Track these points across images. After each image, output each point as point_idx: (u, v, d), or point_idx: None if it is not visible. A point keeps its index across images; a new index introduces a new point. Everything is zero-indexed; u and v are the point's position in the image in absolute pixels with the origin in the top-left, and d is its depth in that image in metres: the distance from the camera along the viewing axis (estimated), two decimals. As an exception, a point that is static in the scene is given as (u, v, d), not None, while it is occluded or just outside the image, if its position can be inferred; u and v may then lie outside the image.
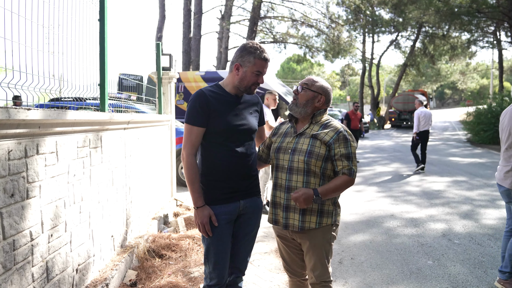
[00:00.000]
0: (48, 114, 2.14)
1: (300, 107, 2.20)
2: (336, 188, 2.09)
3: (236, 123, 2.12)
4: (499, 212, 5.65)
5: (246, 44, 2.14)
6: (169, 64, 5.63)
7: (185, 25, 18.28)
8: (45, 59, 2.39)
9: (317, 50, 23.37)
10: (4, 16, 1.97)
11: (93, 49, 3.13)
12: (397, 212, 5.81)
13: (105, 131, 3.10)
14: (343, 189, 2.12)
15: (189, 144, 2.08)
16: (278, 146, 2.25)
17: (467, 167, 10.01)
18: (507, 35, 25.85)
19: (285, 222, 2.19)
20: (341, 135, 2.12)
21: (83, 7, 2.97)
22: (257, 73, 2.12)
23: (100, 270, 2.99)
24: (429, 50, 29.07)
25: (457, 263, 3.84)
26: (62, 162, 2.42)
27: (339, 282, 3.45)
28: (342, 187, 2.10)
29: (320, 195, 2.05)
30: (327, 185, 2.10)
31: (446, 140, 18.47)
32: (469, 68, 46.64)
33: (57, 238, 2.37)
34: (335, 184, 2.09)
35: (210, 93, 2.11)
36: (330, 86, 2.31)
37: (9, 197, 1.92)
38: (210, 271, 2.15)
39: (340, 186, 2.09)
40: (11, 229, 1.94)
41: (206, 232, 2.09)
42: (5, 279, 1.88)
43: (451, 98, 73.05)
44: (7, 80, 2.02)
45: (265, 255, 4.09)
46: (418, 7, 23.67)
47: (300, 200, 2.03)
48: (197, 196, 2.08)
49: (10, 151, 1.92)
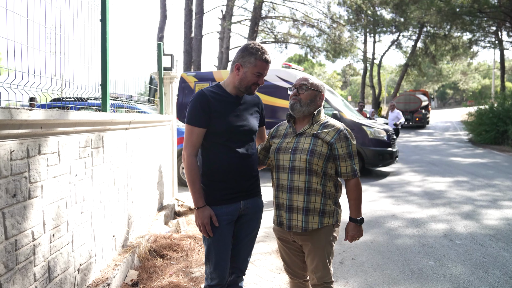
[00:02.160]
0: (50, 115, 2.15)
1: (304, 106, 2.21)
2: (357, 197, 2.22)
3: (237, 124, 2.12)
4: (500, 213, 5.64)
5: (248, 44, 2.14)
6: (170, 64, 5.63)
7: (186, 25, 18.30)
8: (46, 60, 2.40)
9: (318, 50, 23.38)
10: (8, 17, 1.98)
11: (94, 49, 3.14)
12: (398, 212, 5.80)
13: (107, 131, 3.11)
14: (360, 191, 2.22)
15: (190, 144, 2.08)
16: (278, 147, 2.25)
17: (469, 168, 10.00)
18: (508, 35, 25.82)
19: (289, 224, 2.19)
20: (342, 134, 2.15)
21: (85, 7, 2.98)
22: (257, 74, 2.12)
23: (101, 270, 3.00)
24: (430, 50, 29.06)
25: (458, 264, 3.84)
26: (64, 162, 2.43)
27: (340, 282, 3.45)
28: (358, 191, 2.21)
29: (358, 218, 2.21)
30: (351, 204, 2.23)
31: (447, 140, 18.44)
32: (471, 68, 46.61)
33: (59, 238, 2.38)
34: (353, 196, 2.22)
35: (211, 93, 2.11)
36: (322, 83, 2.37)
37: (11, 197, 1.92)
38: (211, 271, 2.16)
39: (357, 193, 2.21)
40: (13, 229, 1.94)
41: (207, 233, 2.10)
42: (7, 279, 1.89)
43: (453, 98, 72.95)
44: (9, 81, 2.03)
45: (266, 255, 4.09)
46: (419, 7, 23.65)
47: (356, 238, 2.23)
48: (198, 197, 2.08)
49: (12, 151, 1.93)
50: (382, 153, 8.69)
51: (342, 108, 9.24)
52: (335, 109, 9.02)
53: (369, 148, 8.63)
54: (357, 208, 2.21)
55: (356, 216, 2.21)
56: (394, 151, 8.92)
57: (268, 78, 9.39)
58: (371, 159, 8.67)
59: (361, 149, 8.60)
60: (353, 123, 8.78)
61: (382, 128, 9.02)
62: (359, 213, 2.21)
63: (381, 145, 8.74)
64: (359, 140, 8.62)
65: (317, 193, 2.14)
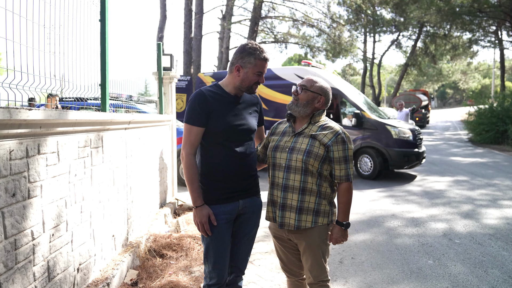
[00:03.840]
0: (49, 114, 2.15)
1: (300, 107, 2.21)
2: (346, 202, 2.20)
3: (236, 123, 2.13)
4: (500, 212, 5.65)
5: (245, 45, 2.14)
6: (170, 64, 5.64)
7: (186, 25, 18.29)
8: (46, 60, 2.41)
9: (318, 50, 23.37)
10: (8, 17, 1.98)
11: (94, 49, 3.15)
12: (398, 211, 5.81)
13: (106, 131, 3.11)
14: (351, 196, 2.21)
15: (188, 143, 2.09)
16: (276, 145, 2.26)
17: (469, 167, 10.00)
18: (508, 34, 25.81)
19: (281, 221, 2.20)
20: (339, 138, 2.15)
21: (84, 7, 2.99)
22: (258, 74, 2.13)
23: (101, 269, 3.00)
24: (430, 50, 29.05)
25: (457, 263, 3.84)
26: (64, 162, 2.44)
27: (339, 281, 3.45)
28: (349, 195, 2.20)
29: (344, 222, 2.19)
30: (340, 207, 2.21)
31: (447, 139, 18.44)
32: (471, 67, 46.54)
33: (58, 238, 2.39)
34: (343, 200, 2.20)
35: (210, 93, 2.12)
36: (329, 86, 2.32)
37: (10, 197, 1.93)
38: (210, 271, 2.16)
39: (347, 197, 2.20)
40: (13, 228, 1.95)
41: (205, 232, 2.10)
42: (6, 278, 1.89)
43: (453, 97, 72.92)
44: (8, 81, 2.04)
45: (266, 254, 4.10)
46: (419, 6, 23.64)
47: (340, 241, 2.21)
48: (196, 196, 2.09)
49: (12, 151, 1.94)
50: (407, 154, 8.28)
51: (365, 107, 8.92)
52: (357, 108, 8.74)
53: (393, 149, 8.26)
54: (345, 212, 2.20)
55: (343, 220, 2.19)
56: (421, 152, 8.49)
57: (286, 77, 9.22)
58: (396, 160, 8.27)
59: (385, 150, 8.30)
60: (376, 123, 8.49)
61: (407, 127, 8.63)
62: (346, 217, 2.20)
63: (406, 146, 8.33)
64: (383, 141, 8.36)
65: (312, 193, 2.15)
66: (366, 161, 8.56)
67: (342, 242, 2.23)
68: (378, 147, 8.39)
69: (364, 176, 8.57)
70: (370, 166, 8.49)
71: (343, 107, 9.69)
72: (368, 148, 8.49)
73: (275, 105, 9.33)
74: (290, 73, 9.24)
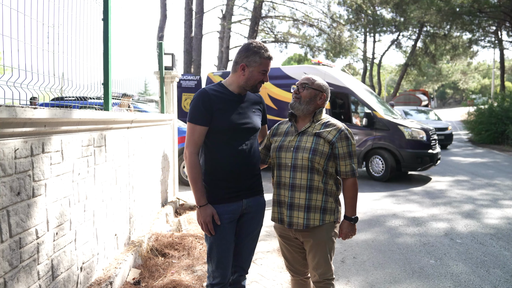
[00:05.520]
0: (54, 113, 2.15)
1: (303, 105, 2.23)
2: (353, 196, 2.26)
3: (239, 122, 2.13)
4: (501, 212, 5.66)
5: (249, 44, 2.14)
6: (171, 64, 5.64)
7: (186, 25, 18.29)
8: (49, 58, 2.41)
9: (318, 49, 23.36)
10: (12, 15, 1.98)
11: (96, 48, 3.15)
12: (399, 211, 5.81)
13: (109, 130, 3.11)
14: (357, 190, 2.27)
15: (192, 143, 2.09)
16: (280, 145, 2.27)
17: (469, 167, 10.01)
18: (508, 34, 25.81)
19: (289, 221, 2.21)
20: (343, 134, 2.18)
21: (87, 6, 2.99)
22: (263, 72, 2.14)
23: (104, 268, 3.00)
24: (430, 50, 29.03)
25: (459, 262, 3.85)
26: (67, 160, 2.44)
27: (341, 281, 3.45)
28: (355, 190, 2.26)
29: (352, 216, 2.26)
30: (347, 203, 2.27)
31: (447, 139, 18.43)
32: (471, 67, 46.54)
33: (62, 237, 2.39)
34: (349, 195, 2.26)
35: (213, 92, 2.12)
36: (327, 84, 2.36)
37: (15, 195, 1.93)
38: (213, 270, 2.16)
39: (353, 192, 2.25)
40: (18, 227, 1.95)
41: (209, 231, 2.10)
42: (11, 276, 1.89)
43: (452, 97, 72.92)
44: (11, 79, 2.03)
45: (268, 254, 4.10)
46: (419, 6, 23.62)
47: (349, 236, 2.28)
48: (200, 195, 2.09)
49: (17, 150, 1.94)
50: (421, 156, 7.95)
51: (377, 107, 8.66)
52: (368, 108, 8.48)
53: (406, 150, 7.93)
54: (352, 207, 2.26)
55: (351, 214, 2.26)
56: (435, 153, 8.16)
57: (296, 76, 9.07)
58: (409, 162, 7.94)
59: (397, 151, 7.98)
60: (388, 123, 8.20)
61: (421, 128, 8.28)
62: (354, 211, 2.26)
63: (420, 147, 8.00)
64: (395, 142, 8.04)
65: (319, 191, 2.17)
66: (378, 162, 8.27)
67: (351, 236, 2.28)
68: (390, 148, 8.09)
69: (375, 177, 8.29)
70: (382, 167, 8.23)
71: (354, 106, 9.51)
72: (380, 149, 8.21)
73: (285, 104, 9.17)
74: (300, 72, 9.07)
